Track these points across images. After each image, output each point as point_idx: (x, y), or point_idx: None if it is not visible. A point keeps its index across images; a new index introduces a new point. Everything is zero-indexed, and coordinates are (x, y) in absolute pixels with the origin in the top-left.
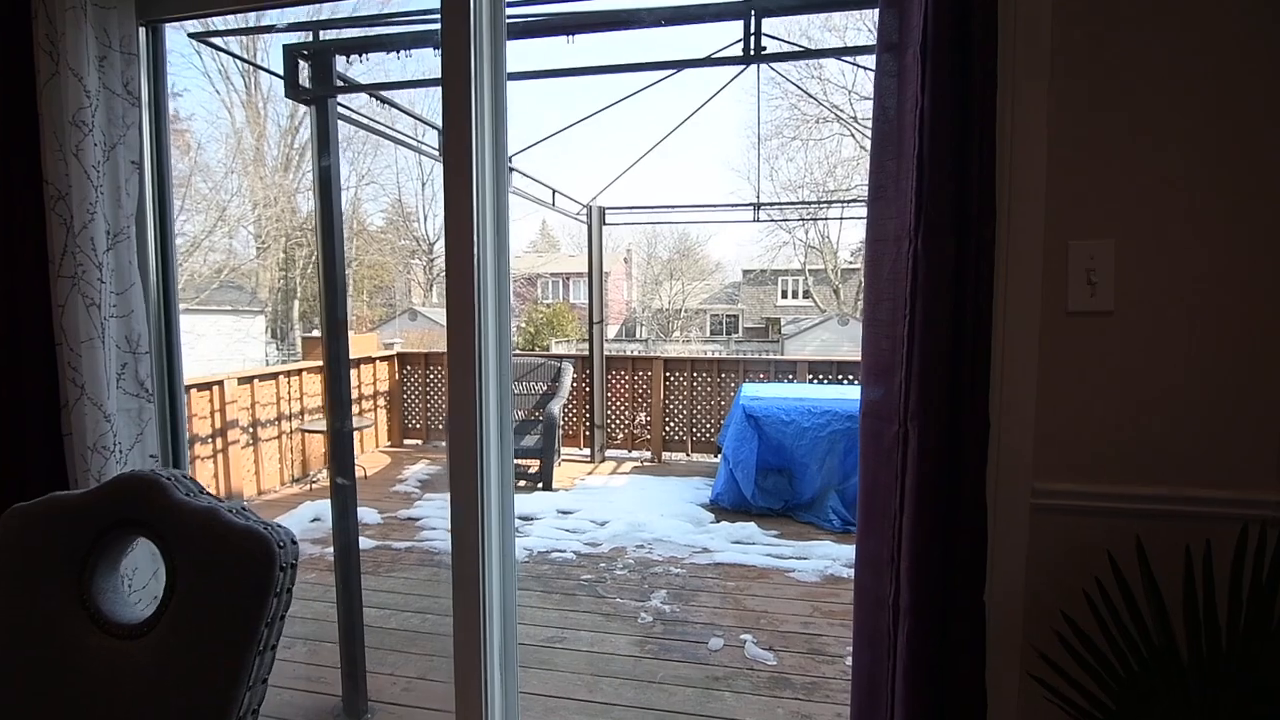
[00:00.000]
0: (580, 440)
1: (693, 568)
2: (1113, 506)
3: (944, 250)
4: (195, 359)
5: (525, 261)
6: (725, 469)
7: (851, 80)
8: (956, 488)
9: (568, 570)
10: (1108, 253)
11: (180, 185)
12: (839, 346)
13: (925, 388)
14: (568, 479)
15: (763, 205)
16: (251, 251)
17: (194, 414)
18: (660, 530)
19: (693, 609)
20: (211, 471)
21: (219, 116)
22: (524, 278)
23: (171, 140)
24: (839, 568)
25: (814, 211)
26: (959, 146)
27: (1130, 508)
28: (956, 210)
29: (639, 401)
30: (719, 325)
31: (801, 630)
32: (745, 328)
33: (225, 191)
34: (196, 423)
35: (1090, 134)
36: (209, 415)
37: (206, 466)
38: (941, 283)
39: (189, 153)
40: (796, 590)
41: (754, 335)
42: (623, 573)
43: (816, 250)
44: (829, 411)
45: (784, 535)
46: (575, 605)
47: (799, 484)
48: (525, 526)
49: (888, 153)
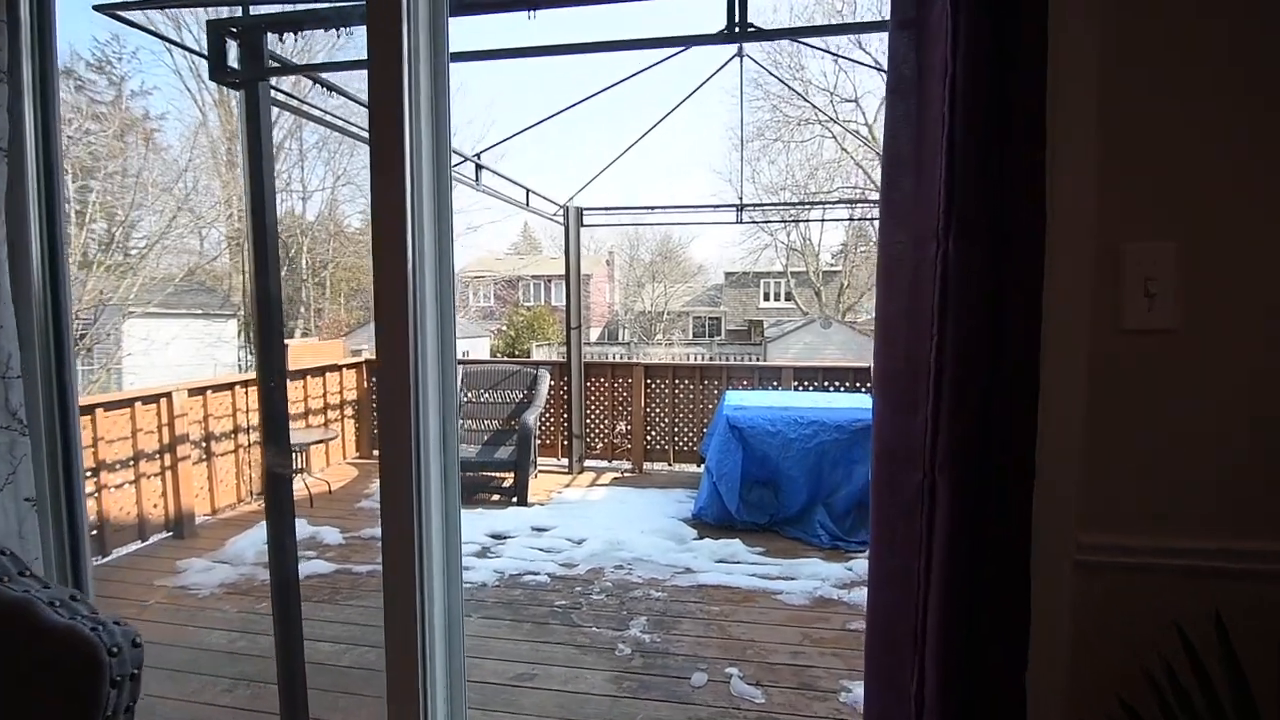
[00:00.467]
0: (558, 450)
1: (674, 591)
2: (1179, 564)
3: (982, 254)
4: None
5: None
6: (708, 482)
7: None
8: (996, 553)
9: (540, 595)
10: (1170, 258)
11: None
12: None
13: (960, 429)
14: (544, 492)
15: (745, 206)
16: (225, 255)
17: (139, 429)
18: (640, 548)
19: (674, 638)
20: (159, 490)
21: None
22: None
23: (137, 137)
24: (828, 588)
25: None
26: (999, 120)
27: (1204, 565)
28: (997, 203)
29: (619, 410)
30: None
31: (791, 661)
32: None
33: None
34: (142, 438)
35: (1152, 116)
36: (156, 430)
37: (153, 485)
38: (979, 295)
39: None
40: (784, 615)
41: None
42: (600, 597)
43: (798, 253)
44: (816, 422)
45: (770, 552)
46: (547, 636)
47: (785, 497)
48: (497, 546)
49: (904, 131)
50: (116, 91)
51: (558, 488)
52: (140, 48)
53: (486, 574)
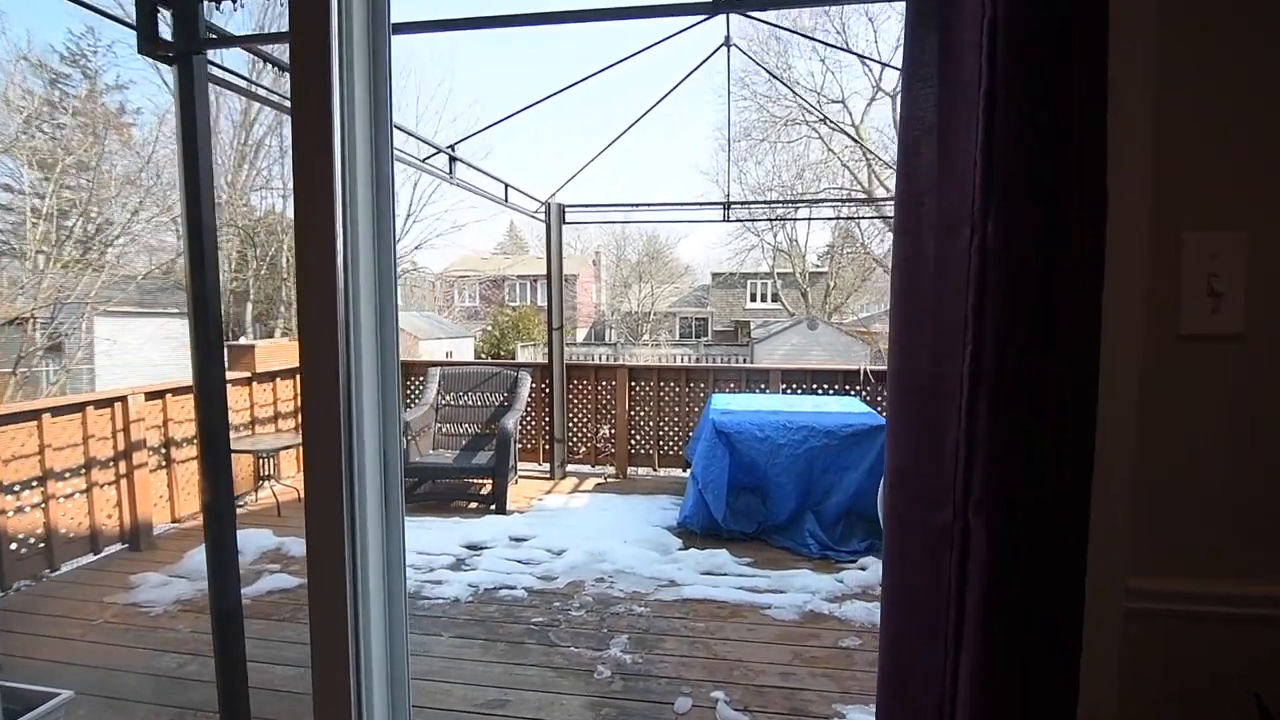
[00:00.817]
0: (539, 455)
1: (658, 605)
2: (1253, 614)
3: (1029, 241)
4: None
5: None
6: (694, 489)
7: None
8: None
9: (516, 611)
10: (1238, 251)
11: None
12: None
13: (1002, 460)
14: (524, 499)
15: (732, 204)
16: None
17: (91, 435)
18: (623, 560)
19: (657, 658)
20: (113, 500)
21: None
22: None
23: (110, 132)
24: (818, 602)
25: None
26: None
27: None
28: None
29: (602, 413)
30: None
31: (781, 684)
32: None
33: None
34: (95, 445)
35: (1222, 75)
36: (110, 436)
37: (107, 495)
38: (1027, 293)
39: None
40: (773, 631)
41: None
42: (579, 613)
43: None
44: (805, 427)
45: (758, 563)
46: (523, 657)
47: (773, 504)
48: (472, 558)
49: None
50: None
51: (538, 494)
52: (116, 41)
53: (460, 588)
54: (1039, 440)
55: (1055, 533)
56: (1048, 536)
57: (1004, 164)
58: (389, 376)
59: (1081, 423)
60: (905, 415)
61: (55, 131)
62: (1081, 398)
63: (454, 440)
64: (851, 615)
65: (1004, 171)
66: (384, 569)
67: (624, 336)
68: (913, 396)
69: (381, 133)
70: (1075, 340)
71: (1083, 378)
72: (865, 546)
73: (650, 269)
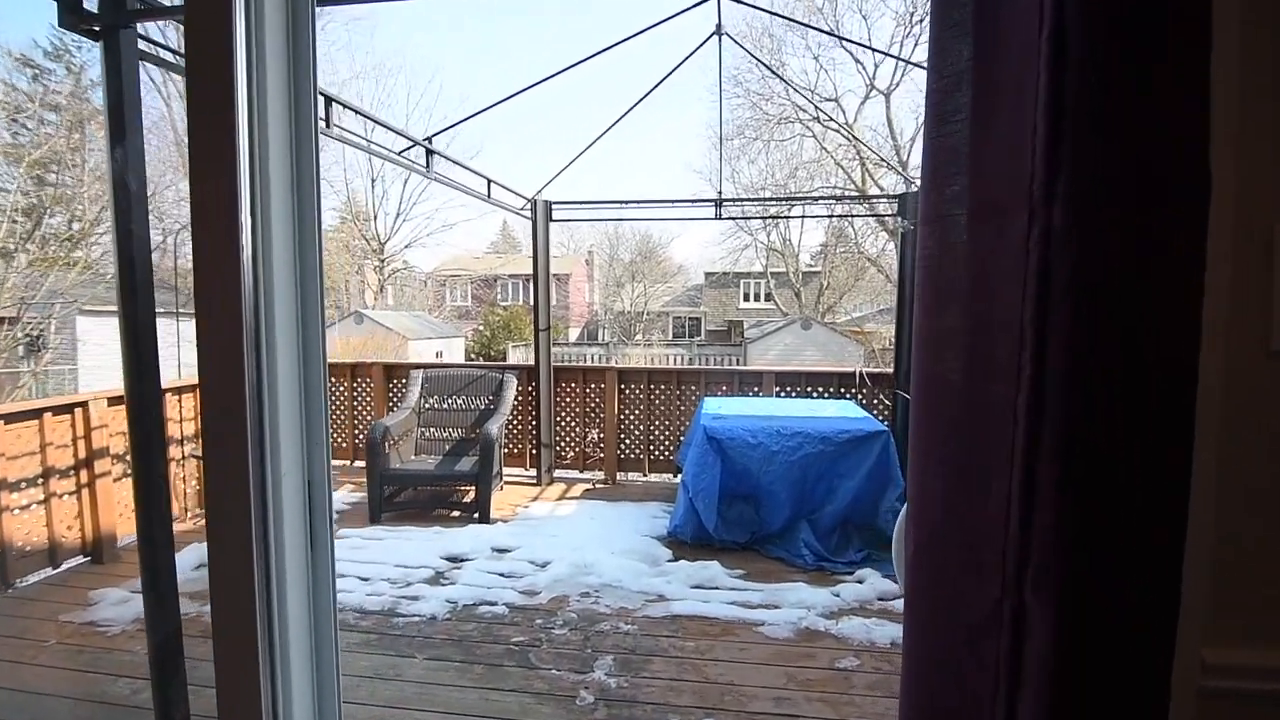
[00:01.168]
0: (526, 460)
1: (646, 623)
2: None
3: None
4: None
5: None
6: (684, 497)
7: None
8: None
9: (496, 630)
10: None
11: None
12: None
13: (1076, 525)
14: (509, 506)
15: (724, 201)
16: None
17: (49, 443)
18: (610, 573)
19: (644, 681)
20: (74, 512)
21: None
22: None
23: (94, 128)
24: (814, 618)
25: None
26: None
27: None
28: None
29: (591, 417)
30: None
31: (774, 709)
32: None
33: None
34: (52, 453)
35: None
36: (70, 444)
37: (66, 505)
38: (1111, 305)
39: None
40: (767, 651)
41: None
42: (563, 632)
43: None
44: (800, 433)
45: (751, 575)
46: (500, 681)
47: (767, 513)
48: (452, 571)
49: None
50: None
51: (524, 501)
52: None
53: (437, 605)
54: (1125, 499)
55: (1141, 615)
56: (1131, 619)
57: (1078, 132)
58: (314, 390)
59: (1176, 473)
60: (931, 455)
61: (39, 128)
62: (1176, 442)
63: (437, 445)
64: (849, 633)
65: (1074, 142)
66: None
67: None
68: (944, 433)
69: (303, 105)
70: (1170, 370)
71: (1178, 418)
72: (862, 557)
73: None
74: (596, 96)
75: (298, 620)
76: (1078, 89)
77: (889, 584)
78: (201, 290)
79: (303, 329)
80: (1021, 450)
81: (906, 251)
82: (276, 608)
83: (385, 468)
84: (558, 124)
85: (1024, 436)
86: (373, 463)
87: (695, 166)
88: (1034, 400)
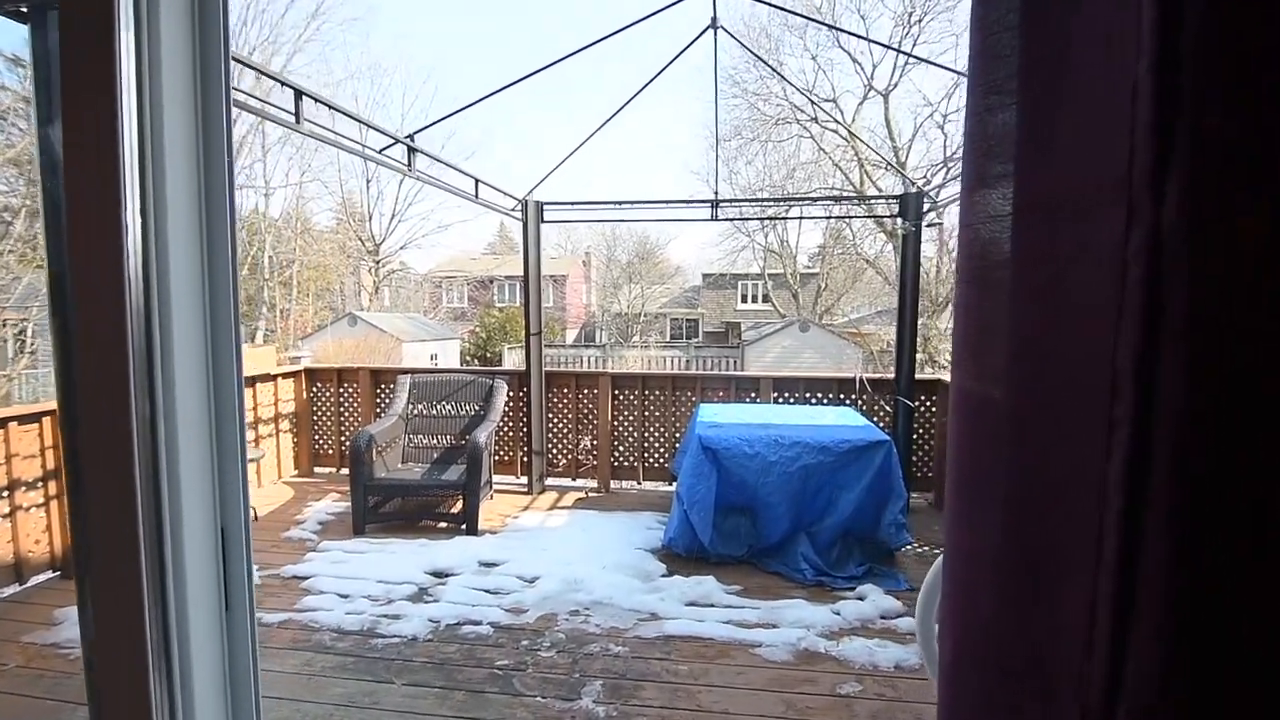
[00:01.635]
0: (517, 468)
1: (637, 644)
2: None
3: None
4: None
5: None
6: (679, 509)
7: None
8: None
9: (480, 652)
10: None
11: None
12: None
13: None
14: (499, 516)
15: (720, 202)
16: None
17: (14, 454)
18: (600, 589)
19: (634, 710)
20: (42, 526)
21: None
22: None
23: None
24: (813, 638)
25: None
26: None
27: None
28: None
29: (584, 423)
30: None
31: None
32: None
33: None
34: (18, 464)
35: None
36: (38, 454)
37: (34, 518)
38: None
39: None
40: (764, 675)
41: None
42: (549, 654)
43: (776, 254)
44: (799, 442)
45: (748, 591)
46: (482, 709)
47: (764, 526)
48: (436, 587)
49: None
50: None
51: (514, 511)
52: None
53: (419, 624)
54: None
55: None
56: None
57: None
58: (226, 418)
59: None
60: (981, 532)
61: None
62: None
63: (425, 453)
64: (850, 655)
65: (1194, 109)
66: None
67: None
68: (992, 507)
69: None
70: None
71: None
72: (863, 571)
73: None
74: (596, 96)
75: (209, 706)
76: (1199, 28)
77: (891, 601)
78: (82, 300)
79: (210, 340)
80: (1116, 551)
81: (907, 254)
82: (181, 697)
83: (370, 477)
84: (557, 123)
85: (1119, 532)
86: (357, 472)
87: (693, 167)
88: (1131, 478)
